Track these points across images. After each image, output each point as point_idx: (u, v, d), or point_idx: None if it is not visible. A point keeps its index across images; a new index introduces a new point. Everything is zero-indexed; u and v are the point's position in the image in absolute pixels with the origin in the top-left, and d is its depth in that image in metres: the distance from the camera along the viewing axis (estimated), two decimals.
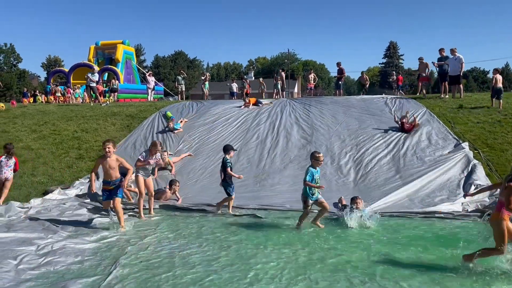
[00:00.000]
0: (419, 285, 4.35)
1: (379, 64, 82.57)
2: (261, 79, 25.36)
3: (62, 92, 28.62)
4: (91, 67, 22.94)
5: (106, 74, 31.50)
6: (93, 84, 18.01)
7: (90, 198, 8.80)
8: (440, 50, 15.06)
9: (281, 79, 21.01)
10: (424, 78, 16.85)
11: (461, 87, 15.09)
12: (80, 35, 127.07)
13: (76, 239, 6.08)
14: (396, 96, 16.73)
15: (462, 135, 10.98)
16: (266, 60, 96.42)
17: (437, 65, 15.15)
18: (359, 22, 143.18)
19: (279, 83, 20.81)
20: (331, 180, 9.46)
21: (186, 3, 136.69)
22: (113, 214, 7.03)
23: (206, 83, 22.48)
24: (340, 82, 20.00)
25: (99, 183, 8.30)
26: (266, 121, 13.25)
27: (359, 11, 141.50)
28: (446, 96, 14.90)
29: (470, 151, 9.95)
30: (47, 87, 31.51)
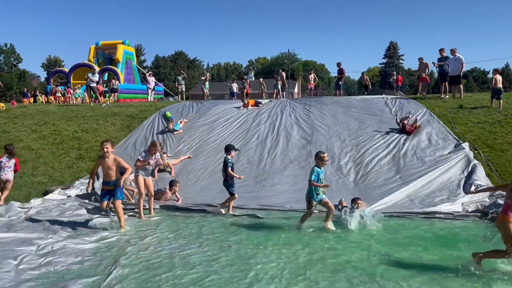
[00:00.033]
0: (419, 285, 4.35)
1: (379, 64, 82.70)
2: (261, 79, 25.32)
3: (62, 92, 28.63)
4: (91, 67, 22.95)
5: (106, 74, 31.51)
6: (93, 84, 18.03)
7: (88, 198, 8.79)
8: (440, 50, 15.07)
9: (281, 79, 20.97)
10: (423, 79, 16.85)
11: (461, 87, 15.10)
12: (80, 35, 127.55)
13: (76, 239, 6.09)
14: (396, 96, 16.75)
15: (462, 135, 10.98)
16: (266, 60, 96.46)
17: (437, 65, 15.15)
18: (359, 22, 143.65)
19: (279, 83, 20.78)
20: (331, 180, 9.45)
21: (186, 3, 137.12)
22: (112, 214, 7.02)
23: (206, 83, 22.49)
24: (340, 82, 20.01)
25: (99, 184, 8.30)
26: (266, 121, 13.25)
27: (359, 11, 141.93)
28: (446, 97, 14.90)
29: (470, 151, 9.95)
30: (48, 87, 31.51)
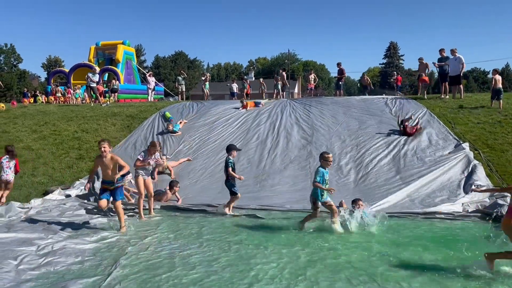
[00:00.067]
0: (419, 285, 4.35)
1: (380, 64, 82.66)
2: (261, 79, 25.31)
3: (63, 93, 28.64)
4: (92, 68, 22.95)
5: (107, 74, 31.51)
6: (93, 84, 18.04)
7: (88, 199, 8.78)
8: (441, 51, 15.07)
9: (281, 79, 20.96)
10: (423, 79, 16.85)
11: (461, 87, 15.10)
12: (80, 35, 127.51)
13: (77, 239, 6.09)
14: (396, 96, 16.74)
15: (462, 135, 10.98)
16: (266, 60, 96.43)
17: (437, 65, 15.15)
18: (359, 22, 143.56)
19: (279, 84, 20.77)
20: (332, 181, 9.39)
21: (186, 3, 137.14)
22: (111, 214, 7.01)
23: (207, 83, 22.48)
24: (340, 83, 20.00)
25: (99, 184, 8.28)
26: (266, 121, 13.25)
27: (359, 11, 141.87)
28: (447, 97, 14.90)
29: (470, 151, 9.94)
30: (48, 87, 31.53)
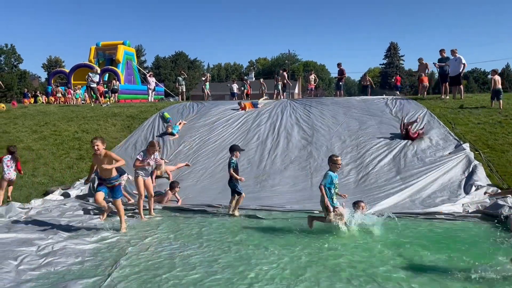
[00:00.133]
0: (419, 285, 4.34)
1: (380, 65, 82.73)
2: (261, 80, 25.32)
3: (63, 93, 28.67)
4: (92, 68, 22.97)
5: (107, 74, 31.53)
6: (93, 84, 18.04)
7: (87, 199, 8.79)
8: (441, 51, 15.07)
9: (282, 79, 20.94)
10: (422, 80, 16.85)
11: (461, 88, 15.10)
12: (80, 36, 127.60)
13: (77, 239, 6.09)
14: (396, 96, 16.74)
15: (462, 136, 10.98)
16: (266, 61, 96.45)
17: (437, 66, 15.15)
18: (359, 22, 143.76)
19: (280, 84, 20.76)
20: None
21: (186, 3, 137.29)
22: (110, 214, 7.01)
23: (207, 83, 22.49)
24: (340, 83, 19.99)
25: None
26: (266, 122, 13.25)
27: (359, 11, 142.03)
28: (447, 97, 14.90)
29: (471, 152, 9.94)
30: (48, 87, 31.54)
